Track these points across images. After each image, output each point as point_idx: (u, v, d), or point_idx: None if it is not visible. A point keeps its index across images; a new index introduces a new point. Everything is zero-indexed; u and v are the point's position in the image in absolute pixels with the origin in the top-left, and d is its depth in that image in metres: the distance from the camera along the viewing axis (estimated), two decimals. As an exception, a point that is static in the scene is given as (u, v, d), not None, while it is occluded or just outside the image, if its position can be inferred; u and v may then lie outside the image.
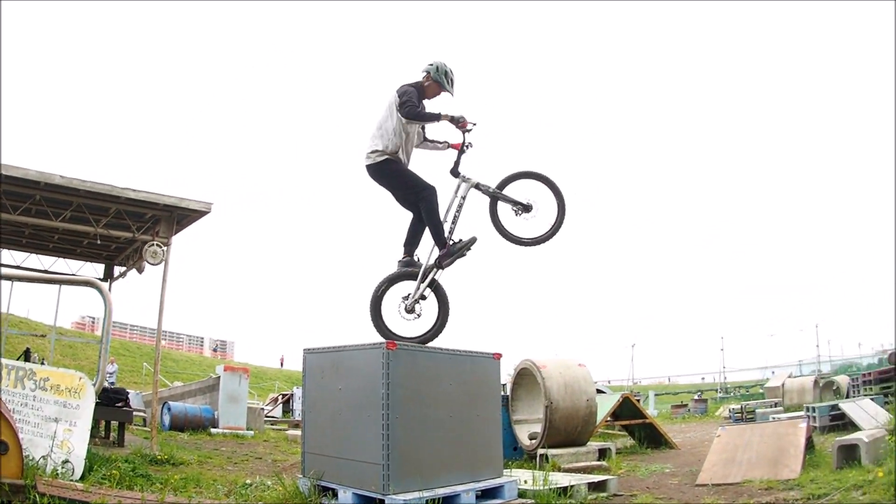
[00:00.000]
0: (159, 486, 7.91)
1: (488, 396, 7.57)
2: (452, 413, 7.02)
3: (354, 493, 6.51)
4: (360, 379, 6.80)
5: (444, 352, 7.12)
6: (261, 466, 11.23)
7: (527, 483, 7.55)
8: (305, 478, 7.16)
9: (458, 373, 7.18)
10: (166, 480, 8.35)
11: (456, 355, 7.23)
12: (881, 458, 7.74)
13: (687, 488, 8.35)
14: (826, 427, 12.61)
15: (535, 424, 11.77)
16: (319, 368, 7.42)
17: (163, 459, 10.39)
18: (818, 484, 7.34)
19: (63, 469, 7.81)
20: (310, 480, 7.01)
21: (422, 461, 6.57)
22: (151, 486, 7.85)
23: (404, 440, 6.43)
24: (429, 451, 6.69)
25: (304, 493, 6.98)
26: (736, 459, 8.81)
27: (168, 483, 8.16)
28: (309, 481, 7.02)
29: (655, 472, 9.84)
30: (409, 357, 6.71)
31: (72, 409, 8.44)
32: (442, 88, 6.96)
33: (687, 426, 21.36)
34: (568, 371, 11.72)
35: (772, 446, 8.80)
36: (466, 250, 6.90)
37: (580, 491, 7.58)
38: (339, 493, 6.67)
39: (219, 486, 8.41)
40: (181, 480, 8.46)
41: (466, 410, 7.18)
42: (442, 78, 6.91)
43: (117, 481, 7.76)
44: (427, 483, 6.46)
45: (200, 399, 21.15)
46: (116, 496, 6.38)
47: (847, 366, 36.10)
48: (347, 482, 6.68)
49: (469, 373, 7.32)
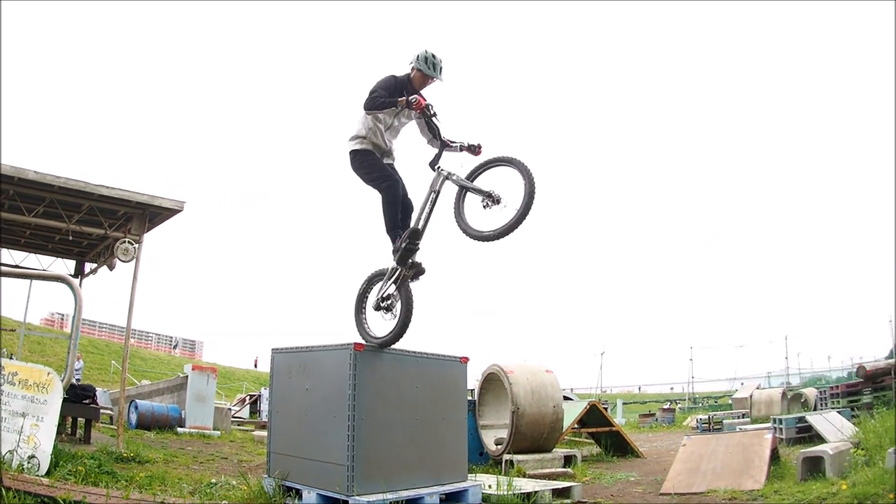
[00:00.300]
0: (125, 484, 7.90)
1: (454, 400, 7.59)
2: (418, 416, 7.03)
3: (319, 493, 6.51)
4: (327, 380, 6.80)
5: (411, 354, 7.11)
6: (226, 466, 11.22)
7: (491, 488, 7.61)
8: (270, 478, 7.14)
9: (424, 375, 7.19)
10: (132, 478, 8.33)
11: (423, 358, 7.23)
12: (846, 470, 7.82)
13: (651, 497, 8.43)
14: (792, 439, 12.76)
15: (502, 430, 11.83)
16: (287, 368, 7.41)
17: (129, 457, 10.36)
18: (782, 495, 7.43)
19: (29, 464, 7.79)
20: (274, 480, 7.00)
21: (386, 463, 6.58)
22: (117, 484, 7.82)
23: (369, 442, 6.44)
24: (394, 453, 6.70)
25: (269, 493, 6.97)
26: (701, 469, 8.89)
27: (133, 480, 8.15)
28: (274, 481, 7.01)
29: (620, 480, 9.92)
30: (376, 359, 6.71)
31: (39, 405, 8.38)
32: (427, 76, 6.73)
33: (654, 435, 21.52)
34: (535, 377, 11.81)
35: (737, 457, 8.88)
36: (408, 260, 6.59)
37: (544, 497, 7.64)
38: (304, 493, 6.67)
39: (184, 485, 8.38)
40: (146, 478, 8.43)
41: (432, 413, 7.20)
42: (422, 65, 6.68)
43: (83, 477, 7.72)
44: (391, 485, 6.48)
45: (168, 398, 21.01)
46: (82, 492, 6.38)
47: (816, 378, 36.52)
48: (312, 482, 6.68)
49: (436, 376, 7.32)
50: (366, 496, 6.15)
